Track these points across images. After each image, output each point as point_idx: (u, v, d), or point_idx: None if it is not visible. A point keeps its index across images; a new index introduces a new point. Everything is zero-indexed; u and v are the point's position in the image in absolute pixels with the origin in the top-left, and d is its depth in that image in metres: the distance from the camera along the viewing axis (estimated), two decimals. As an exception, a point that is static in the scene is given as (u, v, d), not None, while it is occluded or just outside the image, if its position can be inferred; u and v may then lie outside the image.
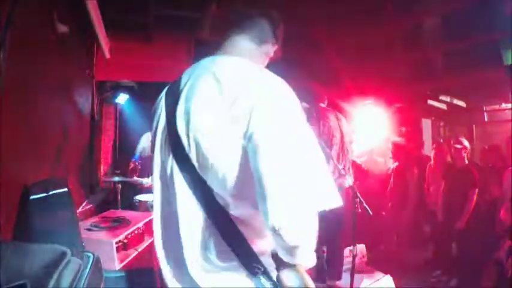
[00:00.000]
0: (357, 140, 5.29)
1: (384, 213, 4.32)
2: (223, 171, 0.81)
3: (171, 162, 0.90)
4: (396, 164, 4.36)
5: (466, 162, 3.54)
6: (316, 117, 2.83)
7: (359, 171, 4.81)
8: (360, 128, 5.44)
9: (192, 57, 4.54)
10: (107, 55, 4.08)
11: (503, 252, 2.85)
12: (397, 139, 4.57)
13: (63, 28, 2.44)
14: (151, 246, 2.63)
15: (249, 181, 0.77)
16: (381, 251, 4.26)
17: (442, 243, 3.73)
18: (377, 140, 5.21)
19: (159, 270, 0.97)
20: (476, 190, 3.36)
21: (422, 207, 4.23)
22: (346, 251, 3.45)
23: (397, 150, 4.31)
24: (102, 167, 4.97)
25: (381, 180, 4.57)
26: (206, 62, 0.95)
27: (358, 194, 2.01)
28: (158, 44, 4.37)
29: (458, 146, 3.54)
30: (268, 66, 1.06)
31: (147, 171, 3.87)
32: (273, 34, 1.03)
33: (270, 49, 1.05)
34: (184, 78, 0.95)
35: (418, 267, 3.85)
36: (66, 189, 2.13)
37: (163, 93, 1.01)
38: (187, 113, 0.86)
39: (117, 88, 4.75)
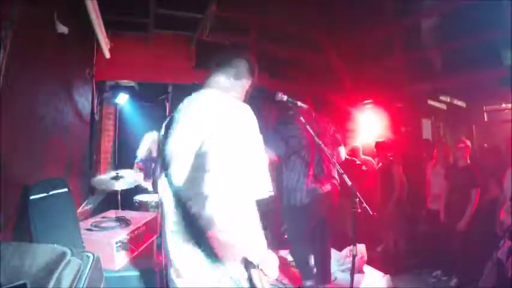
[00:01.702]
0: (356, 140, 5.31)
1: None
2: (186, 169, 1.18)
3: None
4: (380, 164, 4.39)
5: (468, 162, 3.54)
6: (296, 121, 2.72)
7: (359, 171, 4.81)
8: (360, 128, 5.44)
9: (194, 58, 4.55)
10: (107, 55, 4.09)
11: (503, 252, 2.85)
12: (380, 139, 4.56)
13: (63, 28, 2.44)
14: (151, 246, 2.63)
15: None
16: (380, 251, 4.26)
17: (442, 243, 3.73)
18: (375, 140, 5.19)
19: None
20: (479, 190, 3.36)
21: (421, 206, 4.22)
22: (346, 251, 3.46)
23: (380, 150, 4.32)
24: (102, 167, 4.96)
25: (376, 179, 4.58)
26: (196, 95, 1.31)
27: (358, 194, 2.00)
28: (158, 44, 4.39)
29: (461, 146, 3.54)
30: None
31: (146, 173, 3.86)
32: (249, 73, 1.39)
33: (246, 83, 1.40)
34: (181, 105, 1.32)
35: (418, 267, 3.85)
36: (66, 189, 2.13)
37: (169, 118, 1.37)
38: (176, 132, 1.24)
39: (117, 88, 4.74)
